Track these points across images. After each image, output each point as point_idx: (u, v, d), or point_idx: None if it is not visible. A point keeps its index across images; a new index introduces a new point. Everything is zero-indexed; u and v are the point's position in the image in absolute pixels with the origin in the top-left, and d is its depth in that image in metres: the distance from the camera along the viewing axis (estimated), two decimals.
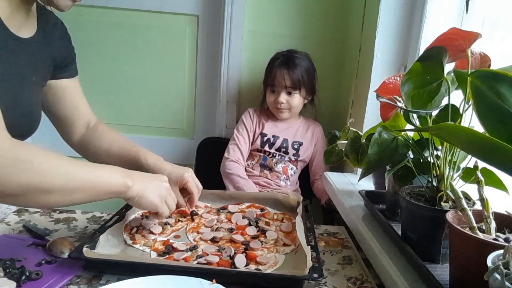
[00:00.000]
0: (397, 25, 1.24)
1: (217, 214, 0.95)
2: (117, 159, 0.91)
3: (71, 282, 0.66)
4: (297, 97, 1.44)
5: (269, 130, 1.49)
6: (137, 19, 1.70)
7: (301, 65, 1.42)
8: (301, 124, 1.54)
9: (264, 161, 1.48)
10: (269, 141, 1.48)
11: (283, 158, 1.48)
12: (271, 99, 1.45)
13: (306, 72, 1.43)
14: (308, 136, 1.52)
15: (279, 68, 1.41)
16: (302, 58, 1.45)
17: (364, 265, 0.78)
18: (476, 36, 0.63)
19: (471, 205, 0.65)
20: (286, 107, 1.44)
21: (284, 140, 1.48)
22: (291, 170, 1.50)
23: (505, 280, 0.41)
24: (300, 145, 1.49)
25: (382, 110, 0.80)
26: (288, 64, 1.41)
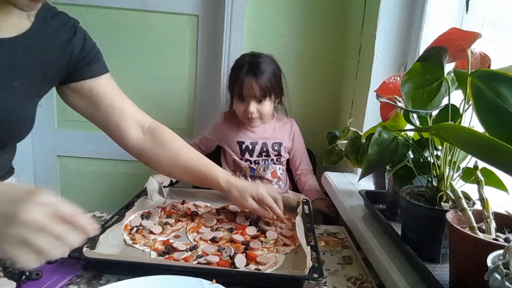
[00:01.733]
0: (397, 25, 1.24)
1: (217, 214, 0.95)
2: (185, 171, 0.89)
3: (71, 282, 0.66)
4: (267, 104, 1.36)
5: (246, 137, 1.43)
6: (137, 19, 1.70)
7: (268, 71, 1.34)
8: (276, 123, 1.48)
9: (252, 173, 1.43)
10: (248, 148, 1.43)
11: (267, 163, 1.44)
12: (241, 109, 1.37)
13: (273, 76, 1.35)
14: (285, 133, 1.47)
15: (246, 77, 1.31)
16: (267, 62, 1.36)
17: (364, 265, 0.78)
18: (476, 36, 0.63)
19: (471, 205, 0.65)
20: (257, 116, 1.36)
21: (264, 144, 1.43)
22: (279, 170, 1.46)
23: (505, 280, 0.41)
24: (280, 145, 1.44)
25: (382, 110, 0.80)
26: (255, 71, 1.31)
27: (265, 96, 1.33)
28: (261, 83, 1.31)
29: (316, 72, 1.69)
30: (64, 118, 1.83)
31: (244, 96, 1.34)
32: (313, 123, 1.69)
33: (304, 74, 1.70)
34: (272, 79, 1.34)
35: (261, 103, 1.35)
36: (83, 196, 1.88)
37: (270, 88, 1.33)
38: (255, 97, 1.32)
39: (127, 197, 1.00)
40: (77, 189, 1.89)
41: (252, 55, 1.38)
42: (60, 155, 1.85)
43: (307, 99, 1.72)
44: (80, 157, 1.86)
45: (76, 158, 1.86)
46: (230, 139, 1.45)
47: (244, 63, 1.34)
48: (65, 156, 1.85)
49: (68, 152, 1.84)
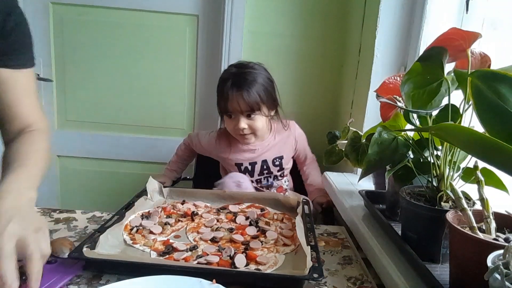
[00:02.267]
0: (397, 25, 1.24)
1: (217, 214, 0.95)
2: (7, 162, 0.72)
3: (71, 282, 0.66)
4: (259, 118, 1.24)
5: (243, 158, 1.33)
6: (137, 19, 1.70)
7: (256, 82, 1.21)
8: (275, 137, 1.36)
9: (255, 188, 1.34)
10: (248, 170, 1.33)
11: (270, 181, 1.36)
12: (230, 126, 1.26)
13: (263, 88, 1.23)
14: (287, 145, 1.37)
15: (231, 91, 1.20)
16: (255, 72, 1.23)
17: (364, 265, 0.78)
18: (476, 36, 0.63)
19: (471, 205, 0.65)
20: (249, 132, 1.25)
21: (263, 162, 1.33)
22: (285, 183, 1.40)
23: (505, 280, 0.41)
24: (281, 159, 1.35)
25: (382, 110, 0.80)
26: (240, 85, 1.20)
27: (254, 110, 1.22)
28: (248, 97, 1.19)
29: (316, 72, 1.70)
30: (64, 118, 1.83)
31: (231, 112, 1.23)
32: (313, 123, 1.69)
33: (304, 74, 1.70)
34: (261, 92, 1.22)
35: (251, 117, 1.24)
36: (83, 196, 1.89)
37: (259, 102, 1.21)
38: (242, 112, 1.22)
39: (127, 197, 1.00)
40: (77, 189, 1.89)
41: (239, 66, 1.27)
42: (60, 155, 1.85)
43: (307, 99, 1.72)
44: (80, 157, 1.86)
45: (76, 158, 1.86)
46: (227, 161, 1.36)
47: (229, 76, 1.23)
48: (65, 156, 1.86)
49: (68, 152, 1.84)
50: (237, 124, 1.23)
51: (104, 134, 1.84)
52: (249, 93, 1.20)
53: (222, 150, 1.35)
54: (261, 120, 1.26)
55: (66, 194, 1.90)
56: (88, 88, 1.79)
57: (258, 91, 1.21)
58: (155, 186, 1.05)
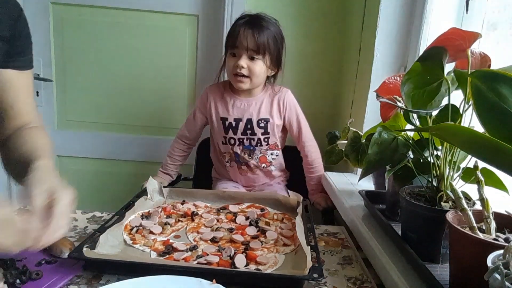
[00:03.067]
0: (397, 25, 1.24)
1: (217, 214, 0.95)
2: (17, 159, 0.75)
3: (71, 282, 0.66)
4: (259, 64, 1.23)
5: (229, 113, 1.32)
6: (137, 19, 1.70)
7: (269, 29, 1.24)
8: (265, 97, 1.34)
9: (237, 158, 1.34)
10: (232, 126, 1.32)
11: (253, 146, 1.33)
12: (230, 64, 1.25)
13: (273, 37, 1.25)
14: (274, 108, 1.33)
15: (242, 28, 1.22)
16: (270, 22, 1.27)
17: (364, 265, 0.78)
18: (476, 36, 0.63)
19: (471, 205, 0.65)
20: (246, 73, 1.23)
21: (248, 121, 1.31)
22: (271, 155, 1.36)
23: (505, 280, 0.41)
24: (266, 121, 1.31)
25: (382, 110, 0.80)
26: (253, 24, 1.23)
27: (259, 53, 1.22)
28: (257, 36, 1.21)
29: (316, 72, 1.69)
30: (64, 118, 1.83)
31: (236, 48, 1.23)
32: (313, 123, 1.69)
33: (304, 74, 1.70)
34: (270, 39, 1.24)
35: (253, 60, 1.23)
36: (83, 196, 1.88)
37: (265, 46, 1.22)
38: (247, 50, 1.22)
39: (127, 197, 1.00)
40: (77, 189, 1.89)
41: (257, 14, 1.30)
42: (60, 155, 1.85)
43: (307, 99, 1.71)
44: (80, 157, 1.86)
45: (76, 158, 1.86)
46: (214, 115, 1.35)
47: (244, 17, 1.27)
48: (65, 156, 1.85)
49: (68, 152, 1.84)
50: (238, 61, 1.23)
51: (104, 134, 1.83)
52: (260, 34, 1.22)
53: (212, 103, 1.35)
54: (261, 67, 1.25)
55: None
56: (88, 88, 1.79)
57: (268, 36, 1.23)
58: (155, 186, 1.05)
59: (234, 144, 1.34)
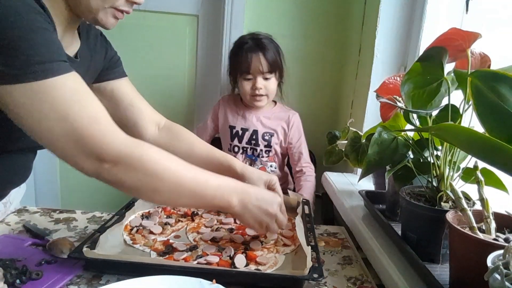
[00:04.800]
0: (397, 25, 1.24)
1: (217, 214, 0.95)
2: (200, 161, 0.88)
3: (71, 282, 0.66)
4: (273, 81, 1.36)
5: (238, 122, 1.42)
6: (137, 19, 1.70)
7: (272, 47, 1.35)
8: (274, 112, 1.45)
9: None
10: (238, 134, 1.41)
11: (255, 157, 1.41)
12: (247, 87, 1.35)
13: (277, 53, 1.37)
14: (280, 124, 1.42)
15: (252, 53, 1.32)
16: (268, 39, 1.37)
17: (364, 265, 0.78)
18: (476, 36, 0.63)
19: (471, 205, 0.65)
20: (264, 93, 1.35)
21: (254, 132, 1.40)
22: (270, 167, 1.42)
23: (505, 280, 0.41)
24: (271, 135, 1.40)
25: (382, 110, 0.80)
26: (259, 47, 1.33)
27: (272, 72, 1.33)
28: (268, 57, 1.31)
29: (316, 72, 1.69)
30: None
31: (251, 73, 1.32)
32: (313, 123, 1.69)
33: (304, 74, 1.70)
34: (277, 56, 1.35)
35: (267, 80, 1.34)
36: (83, 196, 1.88)
37: (276, 64, 1.34)
38: (262, 72, 1.32)
39: (127, 197, 1.00)
40: (77, 189, 1.89)
41: (252, 34, 1.39)
42: None
43: (307, 99, 1.71)
44: None
45: None
46: (223, 122, 1.45)
47: (247, 40, 1.35)
48: None
49: None
50: (255, 84, 1.33)
51: None
52: (269, 53, 1.32)
53: (224, 113, 1.45)
54: (274, 83, 1.37)
55: (66, 194, 1.89)
56: None
57: (275, 54, 1.35)
58: None
59: (237, 152, 1.42)
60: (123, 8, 0.70)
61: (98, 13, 0.67)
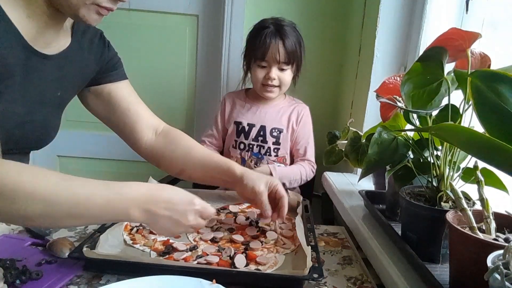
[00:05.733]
0: (397, 25, 1.24)
1: (217, 214, 0.95)
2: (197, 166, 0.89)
3: (71, 282, 0.66)
4: (288, 73, 1.27)
5: (244, 117, 1.33)
6: (137, 19, 1.70)
7: (294, 37, 1.25)
8: (283, 106, 1.36)
9: (243, 164, 1.30)
10: (244, 130, 1.32)
11: (261, 156, 1.31)
12: (260, 76, 1.26)
13: (299, 44, 1.27)
14: (291, 120, 1.33)
15: (272, 39, 1.21)
16: (291, 27, 1.26)
17: (364, 265, 0.78)
18: (476, 36, 0.63)
19: (471, 205, 0.65)
20: (277, 83, 1.26)
21: (261, 128, 1.31)
22: None
23: (505, 280, 0.41)
24: (280, 132, 1.31)
25: (382, 110, 0.80)
26: (281, 34, 1.22)
27: (289, 63, 1.24)
28: (287, 46, 1.22)
29: (316, 72, 1.69)
30: (64, 118, 1.81)
31: (267, 60, 1.23)
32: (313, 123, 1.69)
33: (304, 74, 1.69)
34: (298, 47, 1.26)
35: (283, 71, 1.26)
36: None
37: (295, 55, 1.25)
38: (278, 62, 1.23)
39: None
40: None
41: (275, 19, 1.28)
42: (60, 155, 1.85)
43: (307, 99, 1.71)
44: (80, 157, 1.86)
45: (76, 158, 1.86)
46: (229, 118, 1.36)
47: (269, 25, 1.25)
48: (65, 156, 1.85)
49: (68, 152, 1.84)
50: (269, 73, 1.24)
51: (104, 134, 1.82)
52: (290, 42, 1.22)
53: (229, 109, 1.37)
54: (289, 76, 1.28)
55: None
56: None
57: (296, 45, 1.24)
58: None
59: (243, 149, 1.33)
60: (106, 5, 0.67)
61: (79, 9, 0.65)
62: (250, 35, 1.30)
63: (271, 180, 0.85)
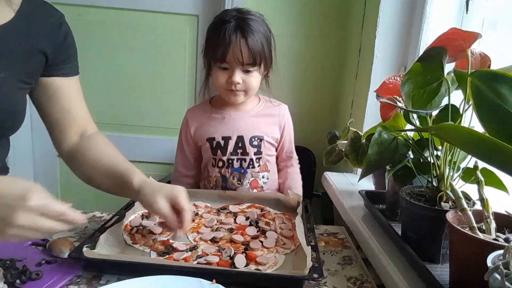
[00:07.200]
0: (397, 25, 1.24)
1: (217, 214, 0.95)
2: (103, 173, 0.82)
3: (71, 282, 0.66)
4: (255, 76, 1.07)
5: (216, 131, 1.13)
6: (137, 19, 1.70)
7: (260, 32, 1.05)
8: (259, 110, 1.17)
9: (224, 182, 1.15)
10: (220, 145, 1.13)
11: (244, 169, 1.14)
12: (222, 80, 1.06)
13: (266, 41, 1.06)
14: (271, 128, 1.16)
15: (232, 37, 1.01)
16: (258, 21, 1.07)
17: (364, 265, 0.78)
18: (476, 36, 0.63)
19: (471, 205, 0.65)
20: (242, 88, 1.07)
21: (239, 139, 1.13)
22: (263, 178, 1.17)
23: (505, 280, 0.41)
24: (260, 140, 1.14)
25: (382, 110, 0.80)
26: (244, 30, 1.02)
27: (254, 64, 1.04)
28: (251, 45, 1.02)
29: (316, 72, 1.70)
30: None
31: (228, 62, 1.04)
32: (313, 123, 1.69)
33: (304, 74, 1.70)
34: (265, 44, 1.06)
35: (248, 73, 1.06)
36: (83, 196, 1.88)
37: (261, 55, 1.04)
38: (242, 64, 1.03)
39: None
40: (77, 189, 1.88)
41: (239, 10, 1.08)
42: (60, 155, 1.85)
43: (307, 99, 1.72)
44: None
45: None
46: (199, 138, 1.16)
47: (230, 18, 1.04)
48: None
49: None
50: (231, 76, 1.04)
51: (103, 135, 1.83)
52: (255, 40, 1.03)
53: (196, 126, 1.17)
54: (257, 78, 1.09)
55: (66, 194, 1.89)
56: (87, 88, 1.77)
57: (262, 42, 1.05)
58: None
59: (222, 166, 1.15)
60: None
61: None
62: (209, 31, 1.10)
63: (171, 191, 0.74)
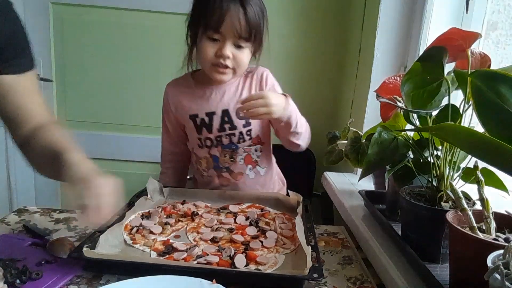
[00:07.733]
0: (397, 25, 1.24)
1: (217, 214, 0.95)
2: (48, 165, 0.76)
3: (71, 282, 0.66)
4: (246, 53, 0.97)
5: (198, 107, 1.04)
6: (137, 19, 1.70)
7: (257, 4, 0.95)
8: (239, 79, 1.06)
9: (216, 162, 1.07)
10: (204, 122, 1.03)
11: (234, 144, 1.05)
12: (210, 52, 0.95)
13: (262, 15, 0.96)
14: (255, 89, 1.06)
15: (230, 4, 0.90)
16: None
17: (364, 265, 0.78)
18: (476, 36, 0.63)
19: (471, 205, 0.65)
20: (231, 64, 0.96)
21: (224, 113, 1.03)
22: (256, 152, 1.07)
23: (505, 280, 0.41)
24: None
25: (382, 110, 0.81)
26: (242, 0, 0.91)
27: (249, 39, 0.94)
28: (250, 16, 0.91)
29: (316, 72, 1.70)
30: (64, 118, 1.83)
31: (221, 32, 0.92)
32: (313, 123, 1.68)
33: (304, 74, 1.70)
34: (261, 17, 0.95)
35: (240, 48, 0.95)
36: None
37: (258, 29, 0.95)
38: (236, 36, 0.92)
39: (127, 197, 1.00)
40: None
41: None
42: None
43: (307, 99, 1.72)
44: None
45: None
46: (181, 115, 1.07)
47: None
48: None
49: None
50: (222, 49, 0.93)
51: (104, 134, 1.83)
52: (253, 13, 0.92)
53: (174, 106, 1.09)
54: (248, 55, 0.98)
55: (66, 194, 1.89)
56: (88, 88, 1.79)
57: (259, 16, 0.95)
58: (155, 186, 1.05)
59: (211, 146, 1.06)
60: None
61: None
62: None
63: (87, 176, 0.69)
